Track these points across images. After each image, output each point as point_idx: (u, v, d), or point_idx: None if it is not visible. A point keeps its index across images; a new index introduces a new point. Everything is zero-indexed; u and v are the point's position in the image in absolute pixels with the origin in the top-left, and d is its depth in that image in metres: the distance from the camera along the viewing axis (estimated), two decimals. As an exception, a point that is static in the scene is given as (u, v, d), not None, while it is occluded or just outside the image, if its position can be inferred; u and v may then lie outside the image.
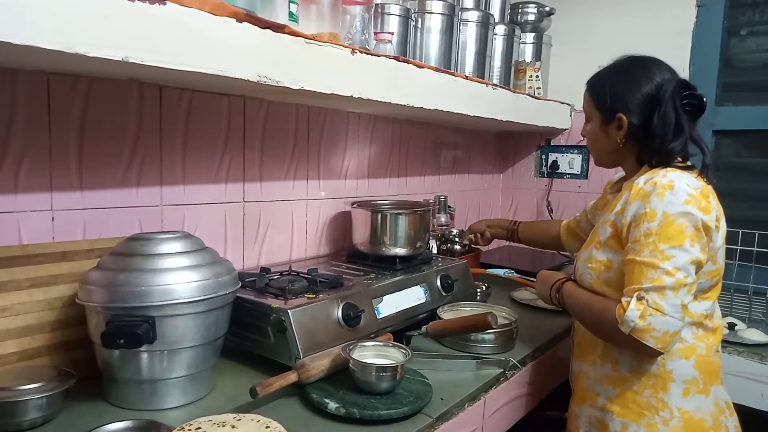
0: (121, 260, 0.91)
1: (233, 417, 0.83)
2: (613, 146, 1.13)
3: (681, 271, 0.95)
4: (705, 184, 1.02)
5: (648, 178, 1.03)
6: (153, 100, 1.14)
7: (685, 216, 0.96)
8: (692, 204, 0.96)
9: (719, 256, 1.04)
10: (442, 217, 1.82)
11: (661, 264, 0.95)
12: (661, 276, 0.94)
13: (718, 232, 1.01)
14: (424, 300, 1.33)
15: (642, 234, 0.97)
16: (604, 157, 1.19)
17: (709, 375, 1.04)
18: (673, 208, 0.96)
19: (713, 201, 1.01)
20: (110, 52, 0.72)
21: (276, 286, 1.14)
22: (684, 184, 0.98)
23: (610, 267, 1.06)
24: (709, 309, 1.05)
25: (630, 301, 0.96)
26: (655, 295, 0.94)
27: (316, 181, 1.55)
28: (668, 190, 0.97)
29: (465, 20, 1.68)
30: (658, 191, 0.98)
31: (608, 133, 1.12)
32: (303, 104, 1.47)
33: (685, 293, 0.96)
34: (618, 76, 1.11)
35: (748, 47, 1.99)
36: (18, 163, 0.96)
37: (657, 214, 0.97)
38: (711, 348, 1.05)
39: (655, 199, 0.97)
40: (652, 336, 0.94)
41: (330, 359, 1.00)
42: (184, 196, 1.22)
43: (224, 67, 0.86)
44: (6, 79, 0.93)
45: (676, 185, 0.98)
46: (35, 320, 0.94)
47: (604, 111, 1.12)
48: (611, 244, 1.07)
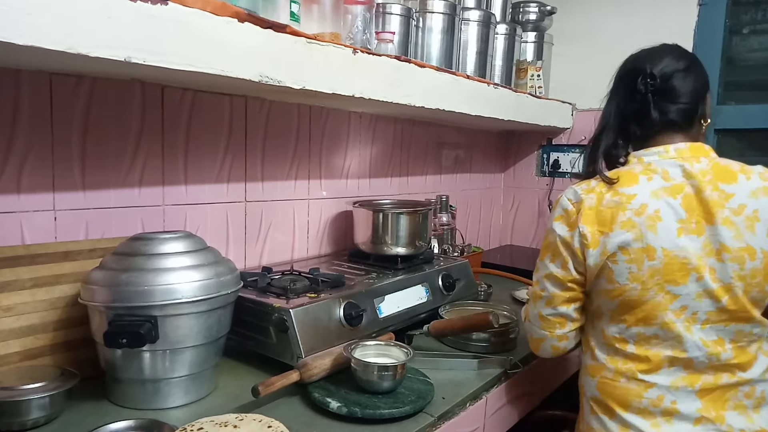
0: (123, 260, 0.91)
1: (235, 417, 0.83)
2: None
3: (538, 284, 1.02)
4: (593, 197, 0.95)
5: None
6: (155, 100, 1.14)
7: (551, 232, 1.00)
8: (562, 219, 0.98)
9: (617, 275, 0.91)
10: (444, 216, 1.82)
11: (533, 275, 1.05)
12: (530, 286, 1.05)
13: (593, 248, 0.92)
14: (426, 299, 1.33)
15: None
16: None
17: (615, 401, 0.94)
18: (549, 223, 1.01)
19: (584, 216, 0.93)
20: (113, 53, 0.72)
21: (278, 286, 1.14)
22: (566, 198, 0.99)
23: None
24: (624, 333, 0.94)
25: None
26: (528, 303, 1.08)
27: (318, 181, 1.55)
28: (555, 206, 1.01)
29: (466, 19, 1.68)
30: (554, 205, 1.02)
31: None
32: (304, 104, 1.47)
33: (543, 305, 1.02)
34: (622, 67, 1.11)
35: (751, 46, 1.98)
36: (21, 163, 0.97)
37: (549, 227, 1.01)
38: (624, 373, 0.94)
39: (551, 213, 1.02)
40: (528, 338, 1.08)
41: (332, 358, 1.00)
42: (186, 196, 1.23)
43: (226, 67, 0.86)
44: (9, 79, 0.94)
45: (560, 200, 1.00)
46: (38, 320, 0.95)
47: None
48: None
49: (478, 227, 2.31)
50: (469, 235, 2.22)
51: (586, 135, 2.17)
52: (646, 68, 0.98)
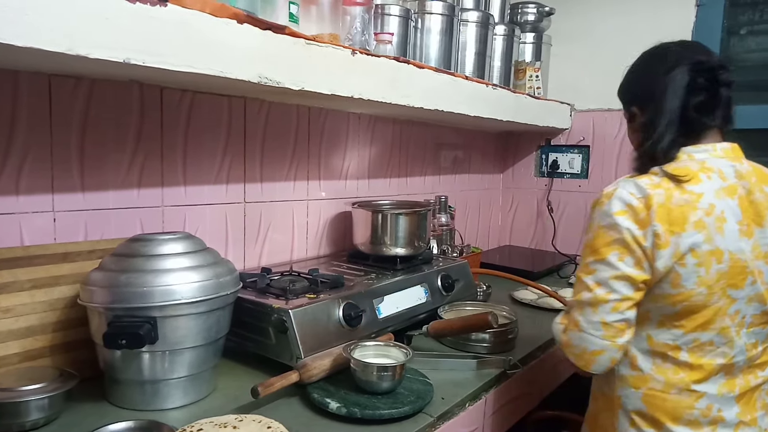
0: (122, 261, 0.91)
1: (235, 418, 0.83)
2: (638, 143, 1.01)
3: (602, 286, 0.89)
4: (662, 193, 0.87)
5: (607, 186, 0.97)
6: (154, 101, 1.15)
7: (614, 228, 0.88)
8: (626, 215, 0.88)
9: (685, 280, 0.86)
10: (443, 217, 1.83)
11: (584, 278, 0.91)
12: (583, 290, 0.91)
13: (663, 249, 0.86)
14: (425, 300, 1.33)
15: (584, 243, 0.95)
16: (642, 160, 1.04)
17: (662, 413, 0.90)
18: (603, 219, 0.90)
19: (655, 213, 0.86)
20: (112, 54, 0.72)
21: (277, 287, 1.14)
22: (627, 192, 0.89)
23: None
24: (679, 339, 0.89)
25: (559, 315, 0.99)
26: (576, 310, 0.92)
27: (317, 182, 1.55)
28: (607, 199, 0.91)
29: (465, 20, 1.68)
30: (600, 200, 0.92)
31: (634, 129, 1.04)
32: (303, 105, 1.47)
33: (608, 311, 0.88)
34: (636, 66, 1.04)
35: (748, 46, 1.99)
36: (20, 164, 0.97)
37: (592, 224, 0.92)
38: (675, 384, 0.90)
39: (596, 208, 0.93)
40: (573, 352, 0.92)
41: (331, 359, 1.00)
42: (185, 197, 1.23)
43: (225, 69, 0.86)
44: (8, 80, 0.94)
45: (616, 193, 0.90)
46: (37, 321, 0.95)
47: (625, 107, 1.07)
48: None
49: (477, 228, 2.31)
50: (468, 235, 2.22)
51: (584, 135, 2.17)
52: (713, 61, 0.92)
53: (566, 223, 2.25)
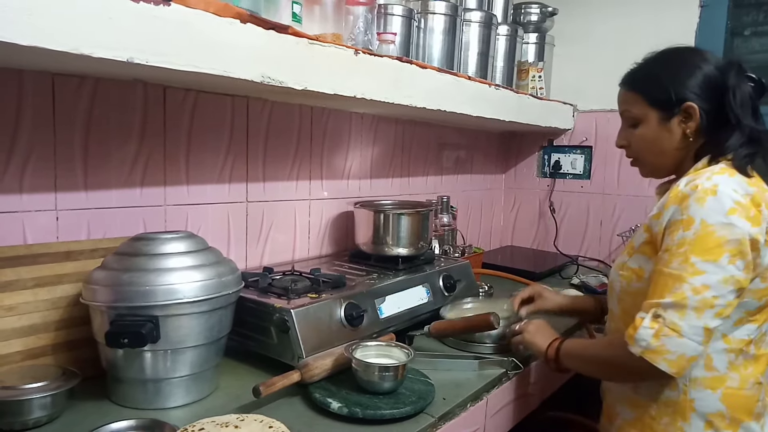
0: (125, 260, 0.91)
1: (236, 417, 0.83)
2: (679, 143, 0.98)
3: (710, 289, 0.82)
4: (759, 189, 0.89)
5: (690, 179, 0.90)
6: (157, 100, 1.15)
7: (727, 227, 0.83)
8: (738, 213, 0.84)
9: None
10: (445, 217, 1.83)
11: (689, 278, 0.83)
12: (686, 292, 0.83)
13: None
14: (427, 300, 1.33)
15: (675, 243, 0.86)
16: (663, 161, 1.02)
17: (740, 410, 0.91)
18: (713, 217, 0.84)
19: (765, 210, 0.87)
20: (115, 53, 0.72)
21: (279, 286, 1.14)
22: (730, 188, 0.86)
23: (641, 276, 0.95)
24: (753, 333, 0.91)
25: (644, 318, 0.85)
26: (674, 313, 0.83)
27: (319, 181, 1.55)
28: (710, 195, 0.85)
29: (468, 21, 1.68)
30: (699, 195, 0.85)
31: (671, 129, 0.98)
32: (306, 105, 1.47)
33: (711, 316, 0.83)
34: (670, 64, 0.99)
35: (752, 47, 1.98)
36: (23, 163, 0.97)
37: (695, 221, 0.84)
38: (747, 379, 0.91)
39: (695, 204, 0.85)
40: (665, 359, 0.83)
41: (333, 359, 1.00)
42: (187, 196, 1.23)
43: (228, 68, 0.87)
44: (12, 79, 0.94)
45: (720, 190, 0.85)
46: (40, 319, 0.95)
47: (663, 105, 0.98)
48: (645, 251, 0.95)
49: (479, 228, 2.31)
50: (470, 235, 2.22)
51: (587, 136, 2.17)
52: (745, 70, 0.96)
53: (568, 224, 2.24)
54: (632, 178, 1.89)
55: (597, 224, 2.17)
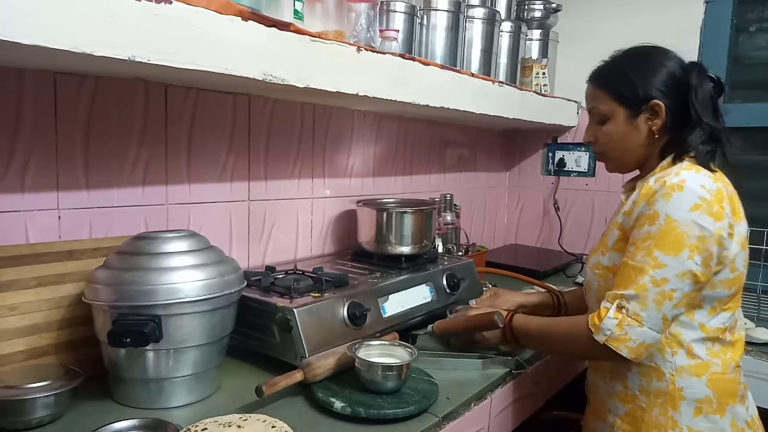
0: (127, 259, 0.91)
1: (239, 417, 0.83)
2: (645, 140, 1.02)
3: (669, 282, 0.88)
4: (722, 185, 0.93)
5: (660, 176, 0.95)
6: (158, 98, 1.14)
7: (690, 224, 0.88)
8: (702, 209, 0.88)
9: (738, 263, 0.94)
10: (448, 215, 1.82)
11: (651, 271, 0.89)
12: (647, 284, 0.88)
13: (732, 238, 0.92)
14: (430, 299, 1.33)
15: (641, 236, 0.91)
16: (629, 157, 1.06)
17: (725, 394, 0.96)
18: (677, 213, 0.89)
19: (727, 205, 0.92)
20: (117, 52, 0.72)
21: (281, 285, 1.14)
22: (697, 184, 0.90)
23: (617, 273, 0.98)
24: (728, 321, 0.97)
25: (609, 308, 0.91)
26: (637, 304, 0.89)
27: (321, 180, 1.55)
28: (676, 191, 0.90)
29: (471, 17, 1.67)
30: (666, 191, 0.90)
31: (638, 126, 1.02)
32: (308, 102, 1.47)
33: (670, 308, 0.89)
34: (637, 62, 1.03)
35: (757, 44, 1.97)
36: (25, 162, 0.97)
37: (659, 216, 0.90)
38: (728, 364, 0.96)
39: (661, 200, 0.90)
40: (627, 346, 0.90)
41: (336, 358, 0.99)
42: (189, 195, 1.22)
43: (230, 66, 0.86)
44: (13, 78, 0.94)
45: (686, 186, 0.90)
46: (42, 319, 0.95)
47: (630, 102, 1.01)
48: (619, 248, 0.99)
49: (483, 226, 2.30)
50: (474, 234, 2.21)
51: (591, 133, 2.15)
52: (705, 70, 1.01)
53: (573, 222, 2.23)
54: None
55: (602, 222, 2.16)
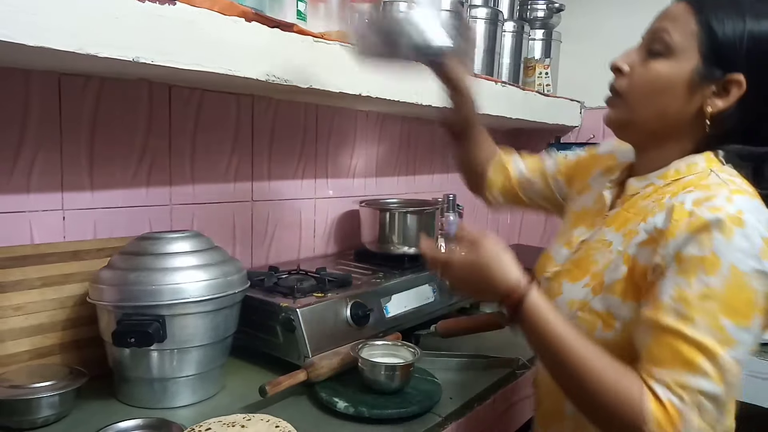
0: (131, 259, 0.91)
1: (243, 417, 0.83)
2: (687, 119, 0.70)
3: (739, 364, 0.61)
4: None
5: (701, 196, 0.65)
6: (162, 99, 1.15)
7: (760, 276, 0.61)
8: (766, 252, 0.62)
9: None
10: (451, 215, 1.81)
11: (721, 352, 0.60)
12: (720, 372, 0.60)
13: None
14: (433, 299, 1.33)
15: (696, 291, 0.61)
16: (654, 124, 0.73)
17: None
18: (744, 262, 0.61)
19: None
20: (121, 53, 0.72)
21: (285, 285, 1.14)
22: (755, 218, 0.63)
23: (611, 325, 0.70)
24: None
25: (673, 402, 0.60)
26: (707, 402, 0.60)
27: (325, 180, 1.55)
28: (737, 227, 0.61)
29: (474, 17, 1.67)
30: (725, 226, 0.61)
31: (693, 95, 0.69)
32: (311, 103, 1.47)
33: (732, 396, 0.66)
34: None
35: (762, 43, 1.96)
36: (30, 163, 0.97)
37: (721, 263, 0.61)
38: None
39: (720, 237, 0.61)
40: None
41: (339, 358, 1.00)
42: (193, 196, 1.23)
43: (233, 67, 0.86)
44: (19, 80, 0.94)
45: (747, 221, 0.62)
46: (47, 319, 0.95)
47: (713, 59, 0.68)
48: (620, 290, 0.70)
49: (486, 226, 2.30)
50: (476, 234, 2.21)
51: (594, 133, 2.15)
52: None
53: (575, 222, 2.23)
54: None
55: (604, 222, 2.15)
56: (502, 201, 1.09)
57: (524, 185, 1.05)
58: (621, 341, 0.69)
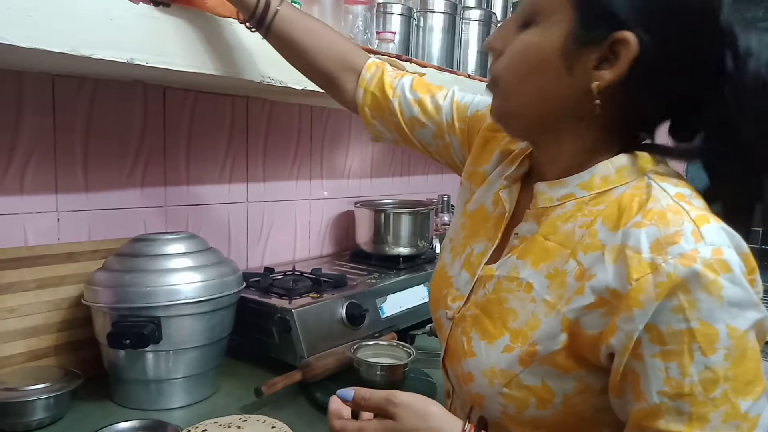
0: (126, 261, 0.91)
1: (239, 418, 0.84)
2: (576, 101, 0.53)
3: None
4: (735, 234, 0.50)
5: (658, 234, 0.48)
6: (157, 101, 1.15)
7: (757, 326, 0.47)
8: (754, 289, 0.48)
9: None
10: (445, 216, 1.82)
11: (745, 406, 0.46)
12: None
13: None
14: (428, 299, 1.33)
15: (695, 380, 0.46)
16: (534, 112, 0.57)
17: None
18: (743, 317, 0.46)
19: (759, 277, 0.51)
20: (115, 54, 0.72)
21: (280, 286, 1.14)
22: (733, 250, 0.47)
23: (549, 400, 0.54)
24: None
25: None
26: None
27: (319, 181, 1.55)
28: (722, 275, 0.45)
29: (467, 19, 1.68)
30: (707, 280, 0.45)
31: (574, 67, 0.52)
32: (306, 104, 1.47)
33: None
34: None
35: (752, 44, 1.98)
36: (24, 164, 0.97)
37: (717, 333, 0.45)
38: None
39: (704, 297, 0.45)
40: None
41: (334, 358, 1.00)
42: (188, 197, 1.23)
43: (228, 69, 0.86)
44: (12, 81, 0.94)
45: (728, 259, 0.46)
46: (42, 321, 0.95)
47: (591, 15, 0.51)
48: (562, 363, 0.53)
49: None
50: (471, 234, 2.22)
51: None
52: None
53: (569, 222, 2.24)
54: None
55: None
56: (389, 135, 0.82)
57: (414, 125, 0.78)
58: (562, 418, 0.54)
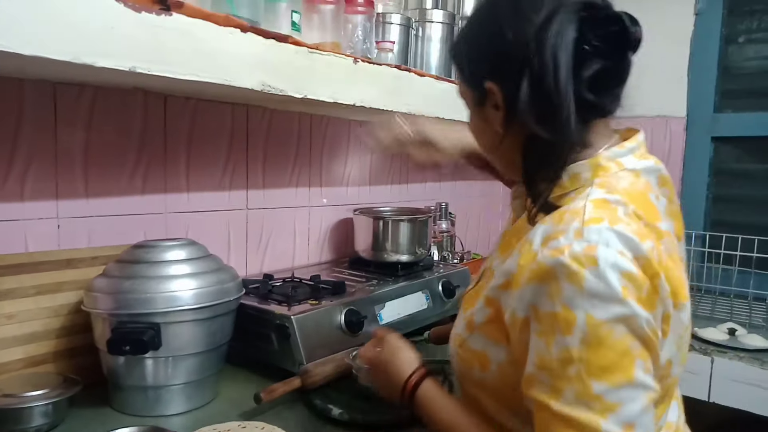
0: (126, 267, 0.92)
1: (237, 424, 0.84)
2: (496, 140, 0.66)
3: (637, 426, 0.51)
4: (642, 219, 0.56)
5: (550, 230, 0.55)
6: (158, 109, 1.16)
7: (625, 320, 0.52)
8: (630, 289, 0.52)
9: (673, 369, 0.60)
10: (443, 223, 1.83)
11: (602, 423, 0.51)
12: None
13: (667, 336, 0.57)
14: (426, 306, 1.34)
15: (556, 357, 0.52)
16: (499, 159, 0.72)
17: None
18: (603, 309, 0.51)
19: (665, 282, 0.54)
20: (117, 63, 0.73)
21: (279, 293, 1.15)
22: (614, 250, 0.52)
23: (486, 365, 0.63)
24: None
25: None
26: None
27: (318, 189, 1.56)
28: (588, 268, 0.51)
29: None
30: (569, 270, 0.52)
31: (487, 118, 0.68)
32: (305, 112, 1.48)
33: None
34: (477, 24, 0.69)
35: (746, 54, 2.00)
36: (24, 171, 0.97)
37: (575, 318, 0.52)
38: None
39: (568, 285, 0.52)
40: None
41: (333, 365, 1.00)
42: (188, 204, 1.23)
43: (229, 77, 0.87)
44: (13, 88, 0.95)
45: (599, 255, 0.52)
46: (41, 327, 0.95)
47: (471, 82, 0.69)
48: (488, 331, 0.63)
49: (478, 234, 2.32)
50: (469, 242, 2.23)
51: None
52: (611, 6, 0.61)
53: (567, 230, 2.24)
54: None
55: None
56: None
57: None
58: (499, 384, 0.63)
